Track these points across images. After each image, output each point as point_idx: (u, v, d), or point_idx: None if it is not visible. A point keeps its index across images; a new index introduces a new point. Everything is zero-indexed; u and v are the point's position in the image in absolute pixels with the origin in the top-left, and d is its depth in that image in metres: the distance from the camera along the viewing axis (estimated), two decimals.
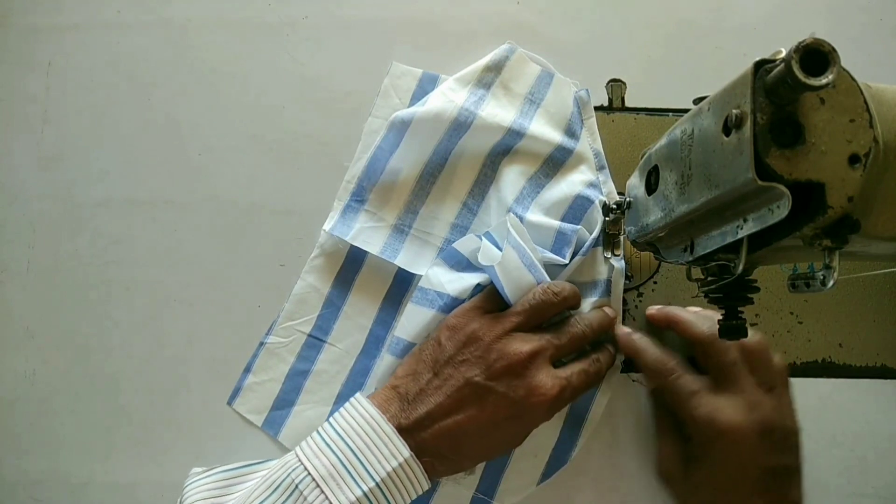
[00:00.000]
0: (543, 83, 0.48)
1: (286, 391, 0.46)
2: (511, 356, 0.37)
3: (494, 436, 0.38)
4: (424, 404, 0.37)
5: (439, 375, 0.38)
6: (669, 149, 0.33)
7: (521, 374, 0.37)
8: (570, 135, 0.47)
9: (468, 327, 0.39)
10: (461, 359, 0.38)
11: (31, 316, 0.48)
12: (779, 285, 0.46)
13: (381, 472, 0.35)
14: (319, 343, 0.46)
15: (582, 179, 0.46)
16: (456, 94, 0.47)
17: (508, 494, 0.43)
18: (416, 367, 0.39)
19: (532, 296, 0.40)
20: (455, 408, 0.37)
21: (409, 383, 0.39)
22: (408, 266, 0.46)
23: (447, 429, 0.37)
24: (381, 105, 0.49)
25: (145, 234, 0.49)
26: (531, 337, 0.39)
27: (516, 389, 0.37)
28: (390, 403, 0.38)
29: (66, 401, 0.47)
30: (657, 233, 0.35)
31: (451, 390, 0.37)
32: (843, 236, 0.24)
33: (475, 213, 0.47)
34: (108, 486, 0.45)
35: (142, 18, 0.52)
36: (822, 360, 0.46)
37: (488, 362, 0.37)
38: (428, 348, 0.40)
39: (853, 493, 0.44)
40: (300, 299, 0.47)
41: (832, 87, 0.24)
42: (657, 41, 0.51)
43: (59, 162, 0.50)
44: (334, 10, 0.52)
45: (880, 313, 0.46)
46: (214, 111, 0.50)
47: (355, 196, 0.47)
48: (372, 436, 0.36)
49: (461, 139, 0.46)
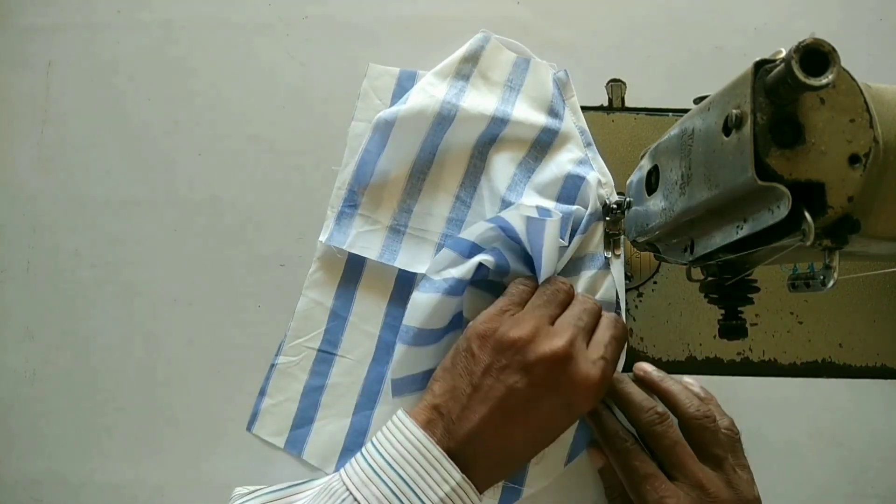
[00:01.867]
0: (521, 69, 0.48)
1: (304, 409, 0.45)
2: (549, 355, 0.36)
3: (543, 438, 0.38)
4: (469, 422, 0.36)
5: (480, 389, 0.36)
6: (669, 149, 0.33)
7: (563, 370, 0.36)
8: (553, 115, 0.47)
9: (498, 332, 0.37)
10: (499, 366, 0.36)
11: (31, 316, 0.48)
12: (779, 285, 0.46)
13: (434, 498, 0.34)
14: (330, 356, 0.46)
15: (570, 158, 0.46)
16: (436, 88, 0.47)
17: (537, 479, 0.43)
18: (454, 381, 0.37)
19: (549, 287, 0.40)
20: (502, 421, 0.36)
21: (450, 402, 0.37)
22: (408, 266, 0.46)
23: (495, 445, 0.36)
24: (363, 108, 0.49)
25: (145, 234, 0.49)
26: (560, 328, 0.38)
27: (562, 387, 0.36)
28: (435, 425, 0.37)
29: (66, 401, 0.47)
30: (657, 233, 0.35)
31: (495, 402, 0.36)
32: (843, 236, 0.24)
33: (469, 206, 0.47)
34: (107, 486, 0.45)
35: (142, 18, 0.52)
36: (822, 360, 0.46)
37: (526, 365, 0.36)
38: (461, 360, 0.38)
39: (853, 493, 0.44)
40: (305, 316, 0.47)
41: (832, 88, 0.24)
42: (657, 41, 0.51)
43: (59, 162, 0.50)
44: (334, 10, 0.52)
45: (880, 313, 0.46)
46: (214, 111, 0.50)
47: (347, 202, 0.47)
48: (422, 461, 0.35)
49: (446, 133, 0.46)
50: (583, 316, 0.39)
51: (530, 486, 0.44)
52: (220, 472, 0.45)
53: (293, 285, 0.47)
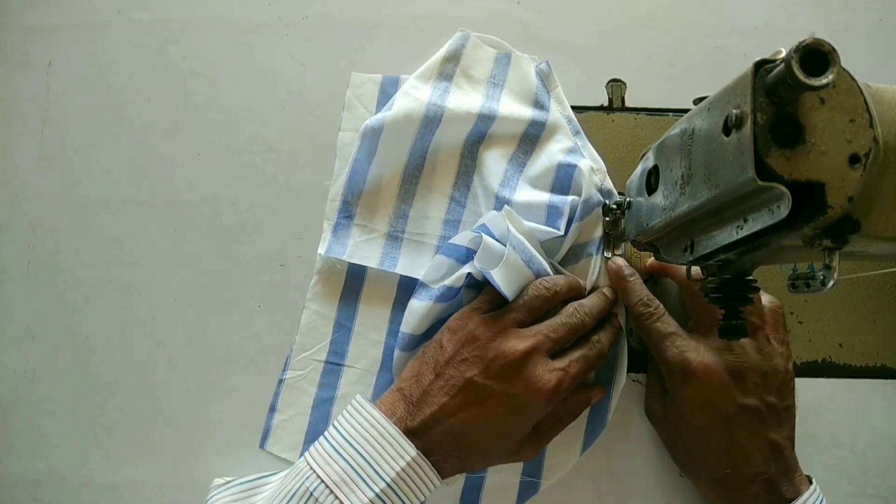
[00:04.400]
0: (502, 64, 0.49)
1: (315, 422, 0.45)
2: (507, 354, 0.38)
3: (497, 431, 0.39)
4: (428, 405, 0.38)
5: (441, 376, 0.39)
6: (669, 149, 0.33)
7: (518, 372, 0.38)
8: (539, 108, 0.47)
9: (467, 328, 0.40)
10: (460, 358, 0.39)
11: (31, 316, 0.48)
12: (779, 285, 0.46)
13: (391, 473, 0.36)
14: (338, 367, 0.46)
15: (560, 148, 0.46)
16: (420, 91, 0.47)
17: (554, 470, 0.44)
18: (420, 369, 0.40)
19: (527, 292, 0.41)
20: (457, 407, 0.38)
21: (412, 385, 0.39)
22: (409, 272, 0.46)
23: (451, 428, 0.38)
24: (349, 117, 0.49)
25: (145, 234, 0.49)
26: (527, 333, 0.39)
27: (514, 386, 0.38)
28: (396, 406, 0.39)
29: (67, 401, 0.47)
30: (657, 233, 0.35)
31: (453, 390, 0.38)
32: (843, 236, 0.24)
33: (464, 206, 0.47)
34: (107, 486, 0.45)
35: (141, 18, 0.52)
36: (822, 360, 0.46)
37: (486, 361, 0.38)
38: (430, 350, 0.40)
39: (853, 493, 0.44)
40: (309, 329, 0.46)
41: (832, 87, 0.24)
42: (657, 41, 0.51)
43: (59, 162, 0.50)
44: (334, 10, 0.52)
45: (880, 313, 0.46)
46: (214, 111, 0.50)
47: (342, 213, 0.47)
48: (378, 438, 0.37)
49: (435, 135, 0.46)
50: (559, 329, 0.40)
51: (547, 478, 0.43)
52: (220, 473, 0.44)
53: (293, 285, 0.47)
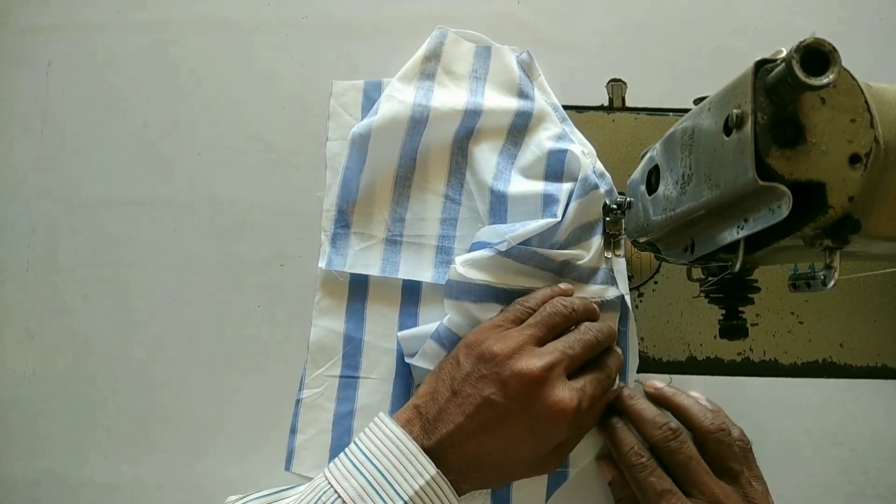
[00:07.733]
0: (483, 57, 0.49)
1: (338, 437, 0.45)
2: (525, 373, 0.37)
3: (517, 453, 0.38)
4: (445, 424, 0.37)
5: (458, 394, 0.38)
6: (670, 149, 0.33)
7: (537, 391, 0.37)
8: (524, 98, 0.47)
9: (484, 344, 0.39)
10: (478, 375, 0.38)
11: (31, 316, 0.48)
12: (779, 285, 0.46)
13: (409, 491, 0.35)
14: (354, 380, 0.45)
15: (549, 135, 0.46)
16: (403, 93, 0.47)
17: (579, 458, 0.43)
18: (436, 385, 0.39)
19: (545, 309, 0.40)
20: (476, 429, 0.37)
21: (429, 403, 0.38)
22: (411, 275, 0.45)
23: (469, 450, 0.37)
24: (335, 126, 0.49)
25: (145, 234, 0.49)
26: (544, 351, 0.38)
27: (534, 407, 0.36)
28: (413, 424, 0.38)
29: (66, 401, 0.47)
30: (658, 233, 0.35)
31: (471, 409, 0.37)
32: (843, 236, 0.24)
33: (459, 203, 0.47)
34: (107, 486, 0.45)
35: (141, 18, 0.52)
36: (822, 360, 0.46)
37: (502, 379, 0.37)
38: (447, 366, 0.40)
39: (853, 493, 0.44)
40: (320, 346, 0.46)
41: (833, 87, 0.24)
42: (657, 41, 0.51)
43: (58, 162, 0.50)
44: (334, 10, 0.52)
45: (880, 313, 0.46)
46: (213, 111, 0.50)
47: (339, 223, 0.47)
48: (398, 455, 0.36)
49: (423, 135, 0.46)
50: (575, 346, 0.39)
51: (574, 465, 0.44)
52: (220, 472, 0.44)
53: (293, 285, 0.47)
